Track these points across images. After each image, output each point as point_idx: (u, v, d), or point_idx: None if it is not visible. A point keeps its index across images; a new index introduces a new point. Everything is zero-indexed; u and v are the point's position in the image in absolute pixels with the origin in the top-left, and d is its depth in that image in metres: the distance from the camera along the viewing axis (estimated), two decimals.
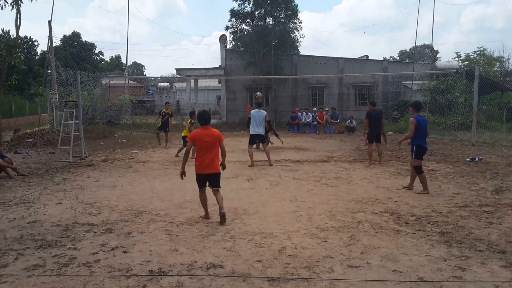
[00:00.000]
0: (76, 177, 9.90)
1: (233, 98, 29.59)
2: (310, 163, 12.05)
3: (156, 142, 17.12)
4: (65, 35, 51.37)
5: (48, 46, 20.11)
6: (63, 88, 21.41)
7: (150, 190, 8.41)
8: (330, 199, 7.57)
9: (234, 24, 27.62)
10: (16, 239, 5.38)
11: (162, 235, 5.56)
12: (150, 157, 13.55)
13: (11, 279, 4.17)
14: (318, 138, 19.94)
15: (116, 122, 25.48)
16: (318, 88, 29.21)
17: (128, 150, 15.20)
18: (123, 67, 58.99)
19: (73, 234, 5.59)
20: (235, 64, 28.98)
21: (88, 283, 4.07)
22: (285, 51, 27.78)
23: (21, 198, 7.74)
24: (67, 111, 14.04)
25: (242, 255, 4.79)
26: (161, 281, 4.11)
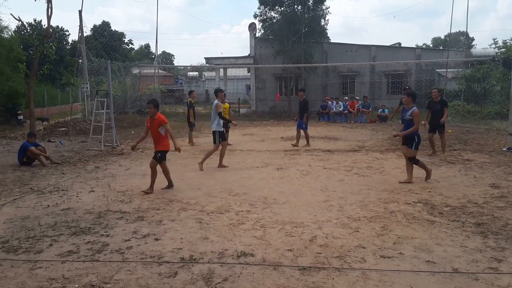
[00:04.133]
0: (107, 166, 10.19)
1: (262, 87, 29.56)
2: (341, 152, 11.93)
3: (184, 131, 17.31)
4: (95, 25, 52.61)
5: (79, 36, 20.64)
6: (94, 77, 21.94)
7: (180, 179, 8.54)
8: (362, 189, 7.48)
9: (263, 11, 27.49)
10: (51, 226, 5.59)
11: (193, 223, 5.65)
12: (181, 146, 13.67)
13: (46, 264, 4.34)
14: (349, 128, 19.67)
15: (146, 111, 25.91)
16: (349, 76, 28.75)
17: None
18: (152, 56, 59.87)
19: (105, 221, 5.76)
20: (265, 53, 28.88)
21: (121, 269, 4.20)
22: (315, 39, 27.43)
23: (55, 186, 8.04)
24: (98, 101, 14.42)
25: (273, 244, 4.81)
26: (193, 268, 4.19)
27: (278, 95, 28.30)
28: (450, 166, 9.64)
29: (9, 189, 7.84)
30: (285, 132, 17.33)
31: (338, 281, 3.87)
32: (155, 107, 7.54)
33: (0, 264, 4.34)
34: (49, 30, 15.84)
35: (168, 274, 4.05)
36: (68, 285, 3.85)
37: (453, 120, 20.04)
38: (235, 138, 14.92)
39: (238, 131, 17.59)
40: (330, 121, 23.19)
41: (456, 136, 15.27)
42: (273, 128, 19.96)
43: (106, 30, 52.36)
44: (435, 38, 68.74)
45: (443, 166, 9.59)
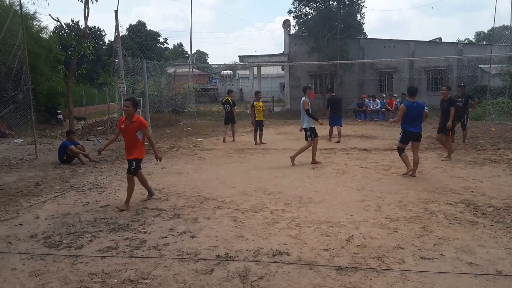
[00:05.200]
0: (144, 164, 10.32)
1: (297, 85, 29.42)
2: (378, 151, 11.75)
3: (219, 130, 17.52)
4: (130, 25, 54.05)
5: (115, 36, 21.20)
6: (130, 77, 22.54)
7: (215, 177, 8.68)
8: (401, 189, 7.35)
9: (297, 7, 27.35)
10: (90, 222, 5.82)
11: (228, 221, 5.74)
12: (215, 144, 13.96)
13: (87, 259, 4.53)
14: (387, 126, 19.28)
15: (181, 110, 26.45)
16: (387, 73, 28.17)
17: (193, 138, 15.75)
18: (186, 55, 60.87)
19: (143, 219, 5.94)
20: (299, 50, 28.74)
21: (158, 265, 4.33)
22: (351, 35, 27.04)
23: (94, 184, 8.35)
24: None
25: (308, 243, 4.83)
26: (228, 266, 4.27)
27: (313, 93, 28.08)
28: (494, 165, 9.31)
29: (50, 186, 8.21)
30: (320, 130, 17.05)
31: (376, 282, 3.84)
32: (134, 106, 6.58)
33: (43, 259, 4.57)
34: (86, 31, 16.39)
35: (204, 271, 4.15)
36: (108, 280, 4.01)
37: (497, 118, 19.29)
38: (269, 137, 14.97)
39: (272, 130, 17.64)
40: (367, 120, 22.82)
41: (500, 134, 14.68)
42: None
43: (142, 30, 53.72)
44: (478, 33, 66.53)
45: (486, 166, 9.27)
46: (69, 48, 24.99)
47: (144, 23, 55.16)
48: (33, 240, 5.17)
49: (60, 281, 4.01)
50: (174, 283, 3.91)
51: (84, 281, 3.99)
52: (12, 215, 6.26)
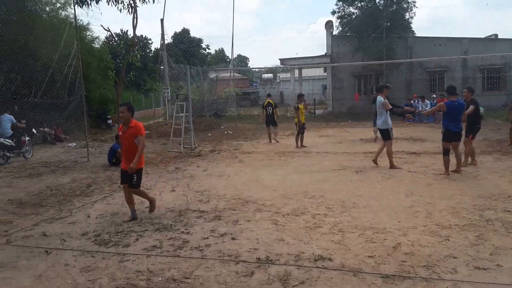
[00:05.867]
0: (187, 167, 10.67)
1: (339, 86, 29.01)
2: (428, 155, 11.32)
3: (259, 134, 17.57)
4: (175, 32, 55.44)
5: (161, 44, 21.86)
6: (174, 82, 23.11)
7: (256, 180, 8.70)
8: (453, 194, 7.02)
9: (341, 8, 27.00)
10: (137, 222, 6.01)
11: (269, 224, 5.71)
12: (255, 148, 14.01)
13: (133, 257, 4.67)
14: (438, 128, 18.53)
15: (222, 114, 26.79)
16: (438, 72, 27.12)
17: (234, 141, 15.90)
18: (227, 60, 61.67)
19: (185, 219, 6.05)
20: (342, 51, 28.30)
21: (200, 265, 4.38)
22: (398, 34, 26.30)
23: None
24: (178, 104, 15.16)
25: (352, 249, 4.71)
26: (269, 269, 4.24)
27: (356, 94, 27.59)
28: None
29: (100, 187, 8.55)
30: (365, 133, 16.84)
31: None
32: (129, 111, 6.07)
33: (93, 255, 4.76)
34: (135, 40, 17.04)
35: (245, 274, 4.15)
36: (153, 278, 4.11)
37: None
38: (311, 140, 14.84)
39: (313, 133, 17.47)
40: (415, 121, 22.06)
41: None
42: (352, 129, 19.51)
43: (186, 37, 54.96)
44: None
45: None
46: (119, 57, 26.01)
47: (188, 30, 56.45)
48: (84, 238, 5.40)
49: (109, 277, 4.15)
50: (215, 284, 3.93)
51: (131, 278, 4.11)
52: (66, 214, 6.58)
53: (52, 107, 16.30)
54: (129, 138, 6.05)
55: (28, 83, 15.40)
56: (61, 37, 15.16)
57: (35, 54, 15.12)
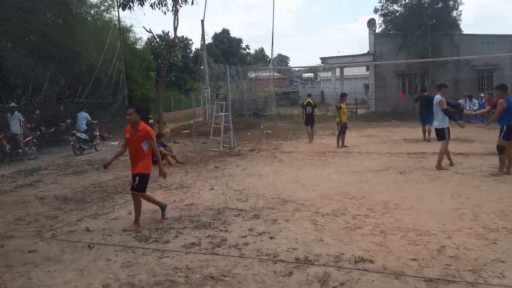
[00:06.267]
0: (226, 166, 10.77)
1: (382, 85, 28.36)
2: (476, 156, 10.87)
3: (299, 133, 17.48)
4: (215, 32, 56.16)
5: (201, 44, 22.26)
6: (214, 82, 23.43)
7: (295, 180, 8.64)
8: (503, 197, 6.68)
9: (384, 5, 26.39)
10: (176, 219, 6.12)
11: (308, 224, 5.66)
12: (295, 147, 13.94)
13: (172, 254, 4.76)
14: (487, 129, 17.76)
15: (261, 113, 26.87)
16: (486, 71, 25.93)
17: (273, 141, 15.89)
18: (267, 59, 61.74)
19: (224, 218, 6.09)
20: (385, 49, 27.66)
21: (238, 264, 4.40)
22: (444, 31, 25.38)
23: (180, 183, 8.76)
24: (218, 104, 15.33)
25: (394, 251, 4.58)
26: (308, 269, 4.20)
27: (400, 93, 26.89)
28: None
29: None
30: (409, 133, 16.38)
31: None
32: (138, 114, 5.82)
33: (134, 251, 4.89)
34: (176, 40, 17.33)
35: (283, 273, 4.12)
36: (191, 275, 4.16)
37: None
38: (352, 140, 14.58)
39: (355, 133, 17.17)
40: (463, 121, 21.19)
41: None
42: (395, 129, 19.02)
43: (225, 37, 55.56)
44: None
45: None
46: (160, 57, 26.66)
47: (228, 31, 57.03)
48: (125, 234, 5.56)
49: (148, 273, 4.24)
50: (253, 283, 3.94)
51: (169, 275, 4.18)
52: (108, 210, 6.82)
53: (96, 107, 16.97)
54: (136, 141, 5.83)
55: (73, 84, 16.09)
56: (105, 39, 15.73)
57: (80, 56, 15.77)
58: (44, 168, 11.20)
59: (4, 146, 12.45)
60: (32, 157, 13.08)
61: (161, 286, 3.94)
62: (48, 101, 15.37)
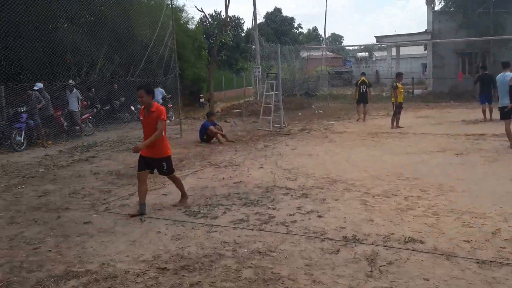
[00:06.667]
0: (275, 145, 10.83)
1: (441, 65, 27.02)
2: None
3: (351, 113, 17.18)
4: (267, 12, 55.71)
5: (253, 23, 22.24)
6: (265, 62, 23.38)
7: (346, 160, 8.55)
8: None
9: None
10: (225, 196, 6.26)
11: (357, 204, 5.62)
12: (346, 128, 13.73)
13: (220, 229, 4.90)
14: None
15: (313, 93, 26.56)
16: None
17: (324, 121, 15.71)
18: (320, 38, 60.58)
19: (272, 196, 6.16)
20: (444, 27, 26.23)
21: (285, 240, 4.47)
22: (507, 8, 23.65)
23: (229, 161, 8.93)
24: (269, 83, 15.34)
25: (446, 233, 4.47)
26: (355, 248, 4.19)
27: (460, 73, 25.53)
28: None
29: (191, 162, 9.04)
30: (468, 114, 15.58)
31: None
32: (148, 94, 5.53)
33: (183, 225, 5.08)
34: (227, 20, 17.47)
35: (331, 251, 4.15)
36: (239, 249, 4.28)
37: None
38: (407, 121, 14.11)
39: (411, 114, 16.58)
40: None
41: None
42: (453, 110, 18.15)
43: (277, 16, 54.97)
44: None
45: None
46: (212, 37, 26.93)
47: (280, 9, 56.32)
48: (175, 209, 5.77)
49: (197, 246, 4.41)
50: (299, 259, 3.99)
51: (217, 248, 4.32)
52: (159, 186, 7.09)
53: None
54: (150, 123, 5.59)
55: (127, 63, 16.64)
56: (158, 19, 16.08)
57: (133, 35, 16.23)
58: (99, 145, 11.78)
59: (62, 123, 13.15)
60: (88, 134, 13.78)
61: (209, 258, 4.07)
62: (103, 80, 16.07)
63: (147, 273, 3.82)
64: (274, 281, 3.56)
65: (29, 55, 12.09)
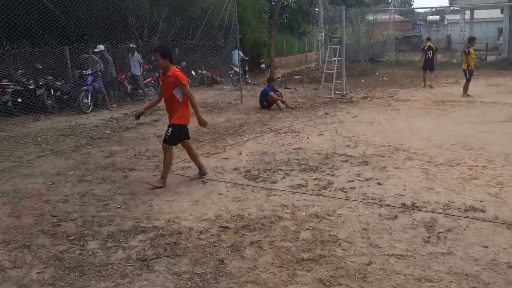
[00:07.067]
0: (336, 112, 10.82)
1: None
2: None
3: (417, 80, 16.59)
4: None
5: None
6: (329, 25, 22.80)
7: (409, 129, 8.44)
8: None
9: None
10: (284, 162, 6.48)
11: (418, 173, 5.63)
12: (411, 95, 13.35)
13: (279, 193, 5.13)
14: None
15: (378, 59, 25.71)
16: None
17: (389, 88, 15.34)
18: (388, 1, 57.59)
19: (331, 163, 6.30)
20: None
21: (343, 205, 4.64)
22: None
23: (289, 128, 9.11)
24: (331, 48, 15.12)
25: (510, 203, 4.44)
26: (414, 214, 4.29)
27: None
28: None
29: (251, 128, 9.32)
30: None
31: None
32: (164, 57, 5.23)
33: (243, 188, 5.37)
34: None
35: (388, 217, 4.27)
36: (297, 212, 4.51)
37: None
38: (477, 90, 13.42)
39: (481, 82, 15.71)
40: None
41: None
42: None
43: None
44: None
45: None
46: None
47: None
48: (236, 172, 6.07)
49: (257, 208, 4.69)
50: (357, 223, 4.16)
51: (276, 211, 4.58)
52: (220, 150, 7.43)
53: (208, 50, 17.72)
54: (167, 88, 5.38)
55: (187, 26, 16.86)
56: None
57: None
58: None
59: (126, 86, 13.73)
60: (151, 98, 14.36)
61: (269, 220, 4.32)
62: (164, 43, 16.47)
63: (209, 230, 4.14)
64: (331, 243, 3.76)
65: (92, 16, 12.42)
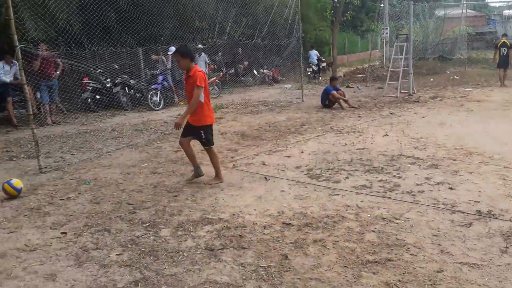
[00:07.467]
0: (402, 112, 10.46)
1: None
2: None
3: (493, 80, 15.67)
4: None
5: None
6: (395, 22, 22.13)
7: (484, 131, 7.97)
8: None
9: None
10: (347, 162, 6.35)
11: (495, 178, 5.29)
12: (486, 96, 12.62)
13: (342, 193, 5.04)
14: None
15: (448, 57, 24.58)
16: None
17: (460, 88, 14.62)
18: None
19: (398, 164, 6.09)
20: None
21: (411, 209, 4.45)
22: None
23: (352, 127, 8.93)
24: (397, 46, 14.63)
25: None
26: (490, 223, 4.02)
27: None
28: None
29: (313, 127, 9.24)
30: None
31: None
32: (184, 57, 5.23)
33: (306, 186, 5.34)
34: None
35: (462, 224, 4.04)
36: (361, 213, 4.40)
37: None
38: None
39: None
40: None
41: None
42: None
43: None
44: None
45: None
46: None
47: None
48: (298, 170, 6.05)
49: (319, 207, 4.64)
50: (427, 228, 3.97)
51: (340, 211, 4.49)
52: (282, 148, 7.44)
53: (271, 49, 17.88)
54: (189, 88, 5.41)
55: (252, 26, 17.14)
56: None
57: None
58: (225, 107, 12.59)
59: None
60: (215, 96, 14.75)
61: (332, 219, 4.25)
62: (229, 45, 16.84)
63: (273, 226, 4.17)
64: (398, 247, 3.62)
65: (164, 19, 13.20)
